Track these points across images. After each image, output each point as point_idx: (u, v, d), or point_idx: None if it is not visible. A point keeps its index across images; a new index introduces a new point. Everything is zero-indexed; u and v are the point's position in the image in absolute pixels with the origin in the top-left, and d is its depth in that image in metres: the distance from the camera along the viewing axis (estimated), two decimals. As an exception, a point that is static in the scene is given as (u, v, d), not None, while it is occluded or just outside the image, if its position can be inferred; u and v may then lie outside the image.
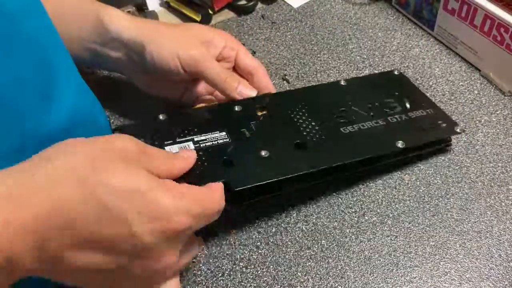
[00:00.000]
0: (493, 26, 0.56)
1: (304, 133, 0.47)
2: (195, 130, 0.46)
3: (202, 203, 0.34)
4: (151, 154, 0.35)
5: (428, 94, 0.56)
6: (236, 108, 0.49)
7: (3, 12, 0.33)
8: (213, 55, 0.51)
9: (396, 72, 0.58)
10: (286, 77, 0.61)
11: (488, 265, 0.43)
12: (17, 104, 0.33)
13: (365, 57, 0.63)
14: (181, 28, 0.51)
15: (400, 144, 0.48)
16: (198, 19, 0.67)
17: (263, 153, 0.44)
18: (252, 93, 0.49)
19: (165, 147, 0.43)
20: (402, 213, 0.47)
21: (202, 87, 0.54)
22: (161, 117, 0.47)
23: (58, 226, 0.29)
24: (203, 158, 0.42)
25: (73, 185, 0.29)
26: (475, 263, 0.44)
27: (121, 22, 0.49)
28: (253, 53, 0.64)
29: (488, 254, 0.44)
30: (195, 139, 0.45)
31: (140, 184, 0.31)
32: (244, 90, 0.49)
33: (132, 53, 0.49)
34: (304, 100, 0.51)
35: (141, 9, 0.66)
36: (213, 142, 0.45)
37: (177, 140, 0.45)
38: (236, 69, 0.54)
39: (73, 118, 0.37)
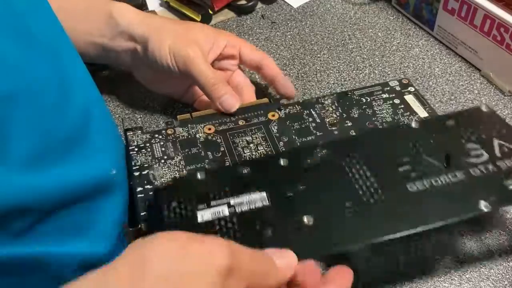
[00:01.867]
0: (493, 26, 0.56)
1: (360, 192, 0.39)
2: (233, 189, 0.39)
3: None
4: (243, 261, 0.29)
5: (428, 94, 0.56)
6: (282, 163, 0.41)
7: (15, 11, 0.33)
8: (213, 55, 0.51)
9: (484, 108, 0.46)
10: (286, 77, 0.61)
11: (488, 265, 0.43)
12: (40, 103, 0.33)
13: (365, 57, 0.63)
14: (184, 26, 0.51)
15: (483, 205, 0.38)
16: (198, 19, 0.67)
17: (305, 219, 0.37)
18: (235, 106, 0.48)
19: (198, 212, 0.37)
20: (402, 213, 0.47)
21: None
22: (199, 175, 0.41)
23: None
24: (236, 227, 0.36)
25: None
26: (475, 262, 0.44)
27: (131, 16, 0.50)
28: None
29: (488, 253, 0.44)
30: (231, 202, 0.38)
31: None
32: (228, 100, 0.48)
33: (138, 47, 0.50)
34: (364, 147, 0.43)
35: (141, 9, 0.66)
36: (251, 206, 0.38)
37: (211, 204, 0.38)
38: (243, 65, 0.55)
39: (86, 114, 0.37)
